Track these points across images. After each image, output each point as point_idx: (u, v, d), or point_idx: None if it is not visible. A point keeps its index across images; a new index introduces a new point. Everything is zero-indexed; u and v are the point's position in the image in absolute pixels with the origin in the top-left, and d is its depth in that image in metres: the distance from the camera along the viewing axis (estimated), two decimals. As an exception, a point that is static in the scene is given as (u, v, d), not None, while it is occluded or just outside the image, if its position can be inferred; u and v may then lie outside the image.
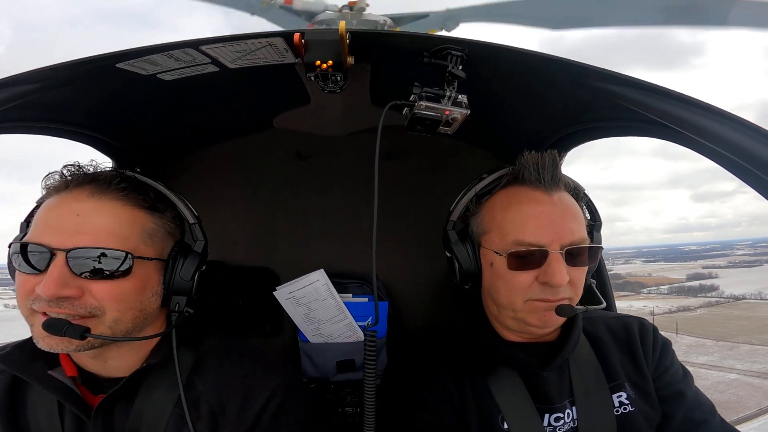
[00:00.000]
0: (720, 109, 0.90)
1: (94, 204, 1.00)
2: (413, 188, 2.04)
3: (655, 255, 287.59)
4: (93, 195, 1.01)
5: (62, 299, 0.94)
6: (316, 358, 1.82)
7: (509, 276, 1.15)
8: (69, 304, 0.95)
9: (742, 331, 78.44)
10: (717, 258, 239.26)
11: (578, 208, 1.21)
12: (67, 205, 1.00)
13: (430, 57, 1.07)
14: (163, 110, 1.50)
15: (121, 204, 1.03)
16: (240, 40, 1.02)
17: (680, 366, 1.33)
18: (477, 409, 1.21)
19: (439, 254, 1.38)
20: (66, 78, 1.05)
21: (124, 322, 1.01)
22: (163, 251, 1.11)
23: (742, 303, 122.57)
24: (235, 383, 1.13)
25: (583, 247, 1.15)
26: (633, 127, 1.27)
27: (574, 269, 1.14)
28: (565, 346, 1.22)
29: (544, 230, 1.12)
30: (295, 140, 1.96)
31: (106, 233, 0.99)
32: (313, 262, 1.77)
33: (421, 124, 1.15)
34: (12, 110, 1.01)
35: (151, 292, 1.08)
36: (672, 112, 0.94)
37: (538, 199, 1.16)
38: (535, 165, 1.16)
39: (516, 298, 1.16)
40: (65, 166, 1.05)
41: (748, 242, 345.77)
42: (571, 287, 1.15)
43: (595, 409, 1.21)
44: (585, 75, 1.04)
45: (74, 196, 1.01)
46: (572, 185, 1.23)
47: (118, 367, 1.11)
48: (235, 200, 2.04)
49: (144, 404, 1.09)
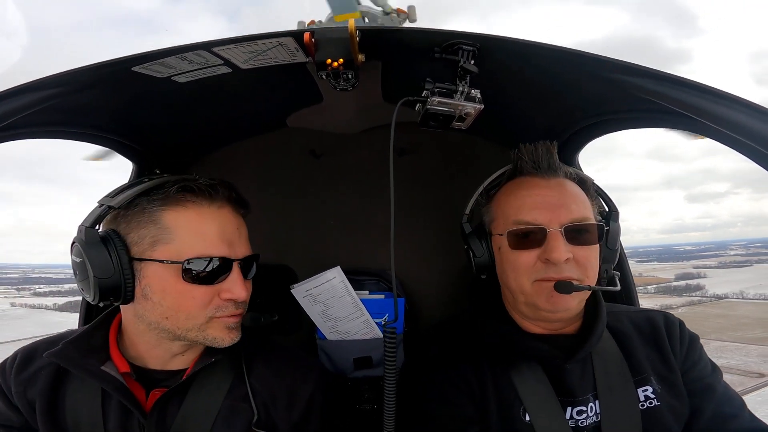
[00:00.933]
0: (739, 97, 0.87)
1: (240, 221, 1.19)
2: (428, 184, 2.03)
3: (649, 255, 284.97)
4: (235, 214, 1.18)
5: (241, 302, 1.13)
6: (333, 355, 1.84)
7: (513, 256, 1.21)
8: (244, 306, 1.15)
9: (717, 329, 78.59)
10: (709, 258, 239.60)
11: (581, 193, 1.24)
12: (228, 221, 1.14)
13: (441, 52, 1.05)
14: (179, 112, 1.52)
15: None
16: (251, 41, 1.03)
17: (709, 360, 1.31)
18: (497, 400, 1.21)
19: (455, 249, 1.38)
20: (86, 82, 1.07)
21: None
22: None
23: (723, 302, 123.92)
24: (283, 380, 1.22)
25: (582, 224, 1.18)
26: (650, 118, 1.24)
27: (578, 248, 1.16)
28: (589, 339, 1.21)
29: (542, 210, 1.17)
30: (309, 139, 1.97)
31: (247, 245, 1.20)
32: (330, 260, 1.78)
33: (434, 119, 1.15)
34: (35, 114, 1.03)
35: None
36: (690, 101, 0.91)
37: (536, 183, 1.23)
38: (530, 155, 1.24)
39: (522, 278, 1.19)
40: (221, 182, 1.14)
41: (743, 242, 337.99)
42: (577, 267, 1.16)
43: (619, 404, 1.19)
44: (600, 67, 1.02)
45: (225, 213, 1.13)
46: (576, 175, 1.27)
47: (174, 360, 1.16)
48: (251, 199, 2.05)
49: (199, 396, 1.14)
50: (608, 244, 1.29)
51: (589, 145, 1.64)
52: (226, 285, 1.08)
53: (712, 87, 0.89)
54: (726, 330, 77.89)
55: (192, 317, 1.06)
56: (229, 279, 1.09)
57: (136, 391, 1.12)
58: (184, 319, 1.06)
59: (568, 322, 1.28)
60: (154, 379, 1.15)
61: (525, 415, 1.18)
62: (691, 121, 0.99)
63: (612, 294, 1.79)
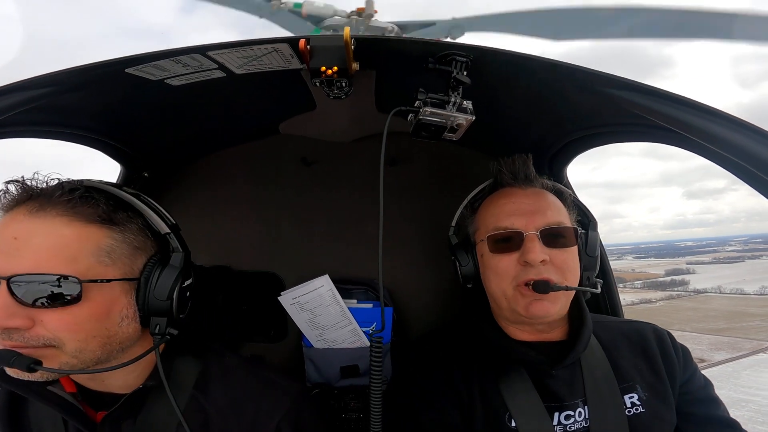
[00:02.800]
0: (730, 115, 0.89)
1: (33, 224, 0.88)
2: (418, 194, 2.04)
3: (649, 252, 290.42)
4: (32, 213, 0.89)
5: (11, 330, 0.84)
6: (320, 363, 1.82)
7: (494, 261, 1.25)
8: (19, 335, 0.85)
9: (684, 320, 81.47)
10: (706, 254, 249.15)
11: (557, 201, 1.31)
12: (6, 227, 0.88)
13: (435, 63, 1.07)
14: (171, 116, 1.51)
15: (67, 220, 0.90)
16: (246, 46, 1.03)
17: (700, 371, 1.37)
18: (484, 406, 1.22)
19: (444, 260, 1.38)
20: (76, 82, 1.06)
21: (90, 350, 0.90)
22: (132, 269, 0.98)
23: (701, 296, 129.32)
24: (245, 408, 1.08)
25: (558, 227, 1.23)
26: (640, 132, 1.26)
27: (555, 251, 1.21)
28: (576, 345, 1.24)
29: (519, 216, 1.24)
30: (301, 146, 1.97)
31: (47, 256, 0.86)
32: (318, 268, 1.77)
33: (426, 130, 1.15)
34: (23, 114, 1.01)
35: (120, 316, 0.95)
36: (680, 117, 0.93)
37: (514, 193, 1.30)
38: (508, 168, 1.33)
39: (503, 282, 1.24)
40: (8, 182, 0.92)
41: (743, 238, 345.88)
42: (556, 269, 1.20)
43: (607, 409, 1.22)
44: (592, 80, 1.04)
45: (13, 216, 0.89)
46: (554, 188, 1.35)
47: (118, 386, 1.06)
48: (241, 205, 2.05)
49: (148, 420, 1.04)
50: (587, 251, 1.36)
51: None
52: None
53: (705, 105, 0.90)
54: (692, 321, 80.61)
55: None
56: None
57: (89, 412, 1.05)
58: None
59: (551, 327, 1.30)
60: (104, 401, 1.05)
61: (511, 422, 1.19)
62: (682, 137, 1.01)
63: (596, 304, 1.82)
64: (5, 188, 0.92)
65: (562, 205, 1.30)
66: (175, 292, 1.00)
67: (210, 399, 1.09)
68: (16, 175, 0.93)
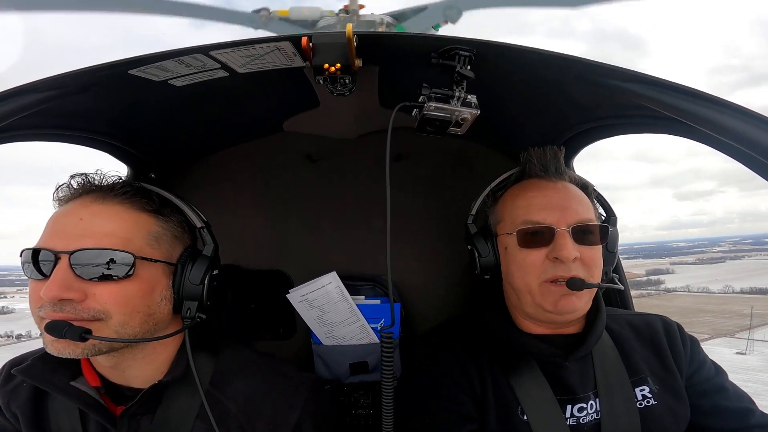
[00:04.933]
0: (738, 106, 0.88)
1: (97, 208, 1.02)
2: (424, 189, 2.03)
3: (639, 252, 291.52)
4: (96, 200, 1.03)
5: (65, 302, 0.93)
6: (329, 360, 1.82)
7: (521, 255, 1.23)
8: (71, 307, 0.94)
9: None
10: (691, 255, 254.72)
11: (584, 196, 1.28)
12: (72, 211, 1.02)
13: (438, 57, 1.06)
14: (175, 116, 1.52)
15: (125, 207, 1.04)
16: (249, 45, 1.02)
17: (711, 360, 1.35)
18: (496, 399, 1.22)
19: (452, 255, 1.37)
20: (81, 85, 1.06)
21: (131, 326, 1.00)
22: (172, 255, 1.11)
23: (670, 295, 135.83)
24: (265, 401, 1.13)
25: (590, 225, 1.22)
26: (647, 124, 1.25)
27: (584, 248, 1.19)
28: (588, 338, 1.24)
29: (550, 211, 1.21)
30: (306, 143, 1.97)
31: (108, 235, 0.99)
32: (326, 264, 1.77)
33: (430, 125, 1.15)
34: (29, 117, 1.02)
35: (160, 296, 1.06)
36: (688, 108, 0.92)
37: (544, 186, 1.27)
38: (538, 159, 1.29)
39: (530, 277, 1.21)
40: (72, 176, 1.07)
41: (734, 239, 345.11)
42: (584, 267, 1.19)
43: (618, 402, 1.21)
44: (595, 72, 1.02)
45: (80, 202, 1.03)
46: (580, 181, 1.32)
47: (137, 377, 1.10)
48: (247, 203, 2.06)
49: (167, 415, 1.08)
50: (608, 247, 1.33)
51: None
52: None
53: (713, 95, 0.89)
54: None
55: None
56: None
57: (111, 407, 1.09)
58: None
59: (573, 323, 1.30)
60: (124, 396, 1.11)
61: (523, 415, 1.19)
62: (689, 128, 0.99)
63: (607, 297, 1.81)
64: (68, 182, 1.07)
65: (588, 201, 1.29)
66: (206, 278, 1.11)
67: (229, 393, 1.13)
68: (79, 171, 1.08)
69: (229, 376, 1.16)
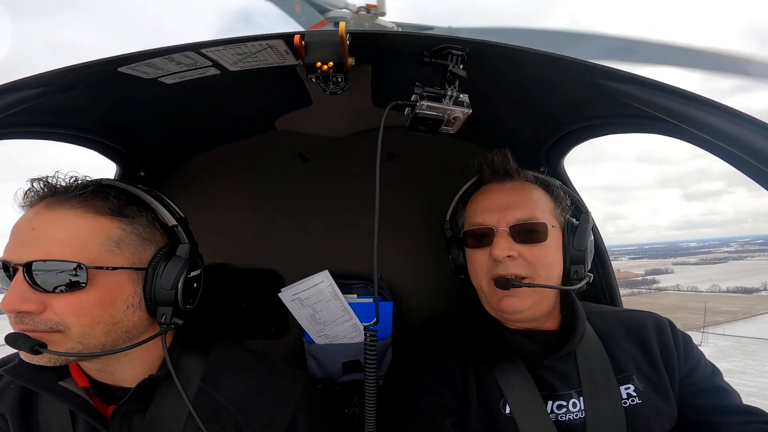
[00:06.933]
0: (725, 106, 0.89)
1: (49, 216, 0.96)
2: (416, 188, 2.04)
3: (647, 252, 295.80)
4: (49, 207, 0.97)
5: (24, 314, 0.91)
6: (321, 359, 1.82)
7: (470, 256, 1.32)
8: (30, 319, 0.91)
9: None
10: (697, 255, 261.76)
11: (536, 194, 1.30)
12: (27, 220, 0.97)
13: (430, 56, 1.06)
14: (166, 114, 1.50)
15: (79, 213, 0.97)
16: (240, 43, 1.02)
17: (707, 359, 1.35)
18: (479, 393, 1.23)
19: (443, 253, 1.39)
20: (69, 82, 1.05)
21: (94, 336, 0.96)
22: (140, 259, 1.03)
23: (660, 293, 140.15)
24: (260, 398, 1.12)
25: (529, 223, 1.23)
26: (636, 123, 1.26)
27: (525, 247, 1.22)
28: (571, 338, 1.24)
29: (491, 212, 1.27)
30: (298, 142, 1.97)
31: (59, 245, 0.93)
32: (318, 263, 1.77)
33: (422, 123, 1.15)
34: (17, 115, 1.01)
35: (125, 303, 1.00)
36: (675, 108, 0.93)
37: (494, 189, 1.33)
38: (488, 163, 1.35)
39: (479, 276, 1.29)
40: (32, 180, 1.01)
41: (744, 239, 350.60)
42: (527, 265, 1.21)
43: (603, 401, 1.21)
44: (586, 72, 1.03)
45: (34, 210, 0.98)
46: (541, 180, 1.34)
47: (127, 378, 1.09)
48: (239, 202, 2.05)
49: (159, 412, 1.07)
50: (574, 244, 1.29)
51: (578, 150, 1.67)
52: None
53: (699, 95, 0.90)
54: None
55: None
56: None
57: (101, 407, 1.08)
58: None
59: (545, 319, 1.31)
60: (114, 395, 1.09)
61: (506, 408, 1.20)
62: (677, 128, 1.00)
63: (596, 295, 1.83)
64: (30, 186, 1.00)
65: (542, 199, 1.29)
66: (179, 281, 1.04)
67: (222, 390, 1.12)
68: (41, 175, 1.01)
69: (222, 374, 1.14)
